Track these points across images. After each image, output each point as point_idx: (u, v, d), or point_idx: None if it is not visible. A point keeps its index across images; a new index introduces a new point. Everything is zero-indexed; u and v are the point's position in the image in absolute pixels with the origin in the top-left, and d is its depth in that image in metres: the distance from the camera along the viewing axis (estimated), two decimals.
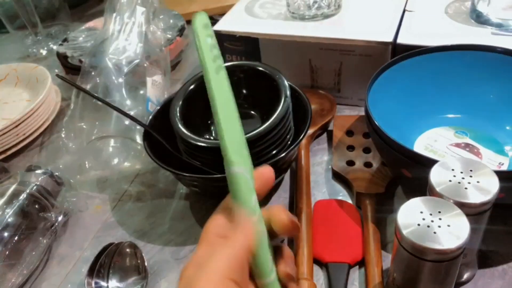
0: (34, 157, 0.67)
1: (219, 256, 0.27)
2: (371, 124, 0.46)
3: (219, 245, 0.28)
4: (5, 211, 0.49)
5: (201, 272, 0.26)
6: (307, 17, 0.65)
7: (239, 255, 0.27)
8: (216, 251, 0.27)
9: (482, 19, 0.59)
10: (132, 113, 0.58)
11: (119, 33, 0.68)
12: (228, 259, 0.26)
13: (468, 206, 0.34)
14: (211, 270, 0.26)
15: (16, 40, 1.00)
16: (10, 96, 0.78)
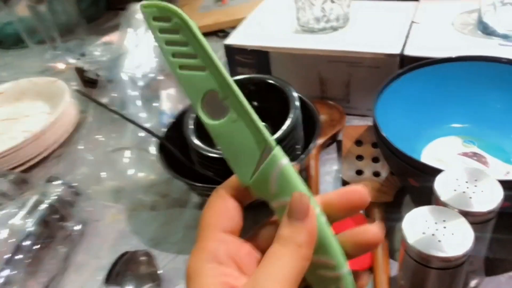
0: (53, 168, 0.69)
1: (283, 263, 0.24)
2: (378, 135, 0.47)
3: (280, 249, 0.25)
4: (26, 221, 0.51)
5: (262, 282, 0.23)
6: (316, 30, 0.67)
7: (305, 263, 0.25)
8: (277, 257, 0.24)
9: (489, 31, 0.59)
10: (147, 125, 0.60)
11: (134, 48, 0.70)
12: (295, 267, 0.24)
13: (473, 215, 0.35)
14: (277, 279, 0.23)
15: (35, 54, 1.04)
16: (30, 109, 0.80)
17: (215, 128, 0.26)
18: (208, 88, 0.26)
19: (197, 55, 0.25)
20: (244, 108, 0.26)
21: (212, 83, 0.26)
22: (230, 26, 0.93)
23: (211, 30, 0.98)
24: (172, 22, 0.25)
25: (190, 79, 0.26)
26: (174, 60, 0.26)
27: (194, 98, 0.26)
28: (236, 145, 0.26)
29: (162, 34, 0.25)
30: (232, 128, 0.26)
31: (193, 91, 0.26)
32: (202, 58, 0.25)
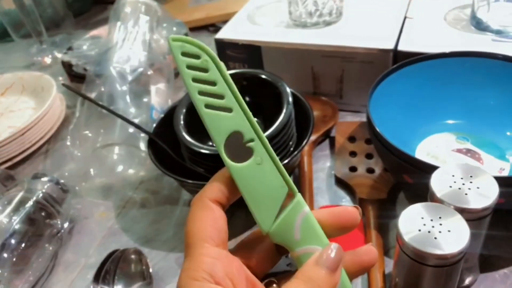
0: (40, 165, 0.68)
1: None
2: (372, 131, 0.47)
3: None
4: (12, 218, 0.49)
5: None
6: (308, 25, 0.66)
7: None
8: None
9: (482, 26, 0.59)
10: (136, 121, 0.59)
11: (123, 42, 0.69)
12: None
13: (469, 212, 0.35)
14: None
15: (21, 48, 1.02)
16: (16, 104, 0.79)
17: (237, 171, 0.26)
18: (233, 129, 0.26)
19: (224, 96, 0.26)
20: (270, 153, 0.26)
21: (238, 124, 0.26)
22: (221, 21, 0.92)
23: (202, 25, 0.97)
24: (202, 59, 0.25)
25: (215, 119, 0.26)
26: (200, 98, 0.25)
27: (218, 138, 0.26)
28: (258, 189, 0.26)
29: (189, 70, 0.25)
30: (255, 172, 0.26)
31: (217, 131, 0.26)
32: (229, 99, 0.26)
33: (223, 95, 0.26)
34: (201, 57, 0.25)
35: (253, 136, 0.26)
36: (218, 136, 0.26)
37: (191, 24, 0.93)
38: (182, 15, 0.95)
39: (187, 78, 0.25)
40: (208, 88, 0.25)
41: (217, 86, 0.25)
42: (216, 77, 0.25)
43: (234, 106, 0.26)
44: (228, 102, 0.26)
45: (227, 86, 0.26)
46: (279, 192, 0.26)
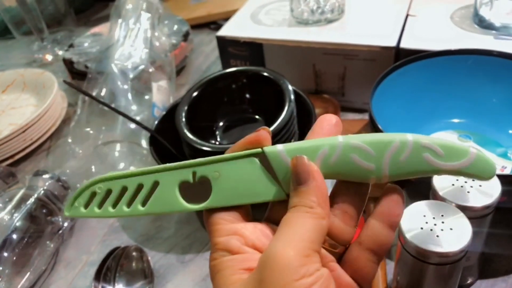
0: (41, 162, 0.68)
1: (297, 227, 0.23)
2: (375, 128, 0.46)
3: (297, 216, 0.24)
4: (13, 215, 0.49)
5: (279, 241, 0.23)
6: (310, 22, 0.66)
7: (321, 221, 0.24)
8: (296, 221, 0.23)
9: (485, 24, 0.59)
10: (138, 118, 0.59)
11: (124, 39, 0.69)
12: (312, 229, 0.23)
13: (471, 210, 0.34)
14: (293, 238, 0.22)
15: (22, 45, 1.02)
16: (17, 101, 0.79)
17: (214, 201, 0.25)
18: (179, 182, 0.25)
19: (142, 184, 0.25)
20: (214, 160, 0.25)
21: (173, 182, 0.25)
22: (223, 18, 0.92)
23: (203, 22, 0.96)
24: (99, 189, 0.25)
25: (156, 202, 0.25)
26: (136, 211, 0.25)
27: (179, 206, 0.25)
28: (241, 188, 0.25)
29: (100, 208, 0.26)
30: (224, 184, 0.25)
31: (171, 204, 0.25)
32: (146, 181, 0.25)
33: (141, 185, 0.25)
34: (96, 187, 0.26)
35: (193, 170, 0.25)
36: (177, 206, 0.25)
37: (193, 22, 0.93)
38: (183, 13, 0.95)
39: (111, 213, 0.25)
40: (128, 196, 0.25)
41: (128, 190, 0.25)
42: (120, 185, 0.25)
43: (154, 178, 0.25)
44: (147, 182, 0.25)
45: (131, 175, 0.25)
46: (255, 170, 0.25)
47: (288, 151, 0.25)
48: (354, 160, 0.25)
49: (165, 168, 0.25)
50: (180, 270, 0.48)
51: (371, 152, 0.25)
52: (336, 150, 0.25)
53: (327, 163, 0.25)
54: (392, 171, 0.25)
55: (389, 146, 0.25)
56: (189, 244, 0.51)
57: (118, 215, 0.25)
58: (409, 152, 0.24)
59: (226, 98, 0.56)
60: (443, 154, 0.24)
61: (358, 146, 0.25)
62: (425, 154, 0.24)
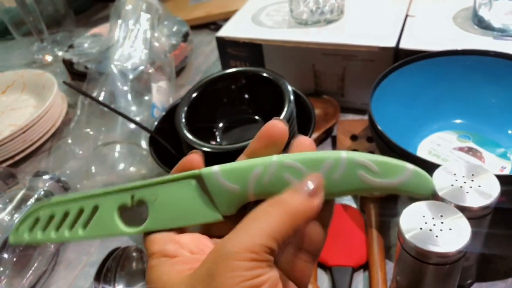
0: (41, 163, 0.68)
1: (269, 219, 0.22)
2: (374, 129, 0.46)
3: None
4: (13, 216, 0.49)
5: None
6: (310, 23, 0.66)
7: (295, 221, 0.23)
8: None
9: (484, 24, 0.59)
10: (137, 119, 0.59)
11: (124, 40, 0.69)
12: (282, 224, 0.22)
13: (470, 210, 0.34)
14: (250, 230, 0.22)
15: (22, 46, 1.02)
16: (17, 102, 0.79)
17: (151, 223, 0.25)
18: (117, 207, 0.26)
19: (83, 209, 0.26)
20: (151, 183, 0.26)
21: (111, 208, 0.26)
22: (222, 19, 0.92)
23: (203, 23, 0.96)
24: (41, 213, 0.26)
25: (94, 228, 0.26)
26: (76, 235, 0.26)
27: (116, 230, 0.25)
28: (178, 210, 0.25)
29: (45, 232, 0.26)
30: (162, 207, 0.25)
31: (110, 228, 0.26)
32: (87, 204, 0.26)
33: (81, 209, 0.26)
34: (39, 213, 0.26)
35: (131, 193, 0.26)
36: (115, 229, 0.26)
37: (192, 22, 0.93)
38: (183, 13, 0.95)
39: (53, 237, 0.26)
40: (70, 220, 0.26)
41: (70, 215, 0.26)
42: (62, 210, 0.26)
43: (94, 202, 0.26)
44: (88, 206, 0.26)
45: (73, 201, 0.26)
46: (191, 192, 0.25)
47: (223, 171, 0.25)
48: (287, 178, 0.24)
49: (105, 192, 0.26)
50: None
51: (304, 171, 0.24)
52: (269, 169, 0.25)
53: (261, 182, 0.25)
54: (327, 189, 0.24)
55: (322, 163, 0.24)
56: None
57: (59, 240, 0.26)
58: (343, 170, 0.24)
59: (226, 98, 0.56)
60: (378, 171, 0.24)
61: (291, 165, 0.24)
62: (360, 172, 0.24)
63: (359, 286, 0.44)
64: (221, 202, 0.25)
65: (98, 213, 0.25)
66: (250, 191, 0.25)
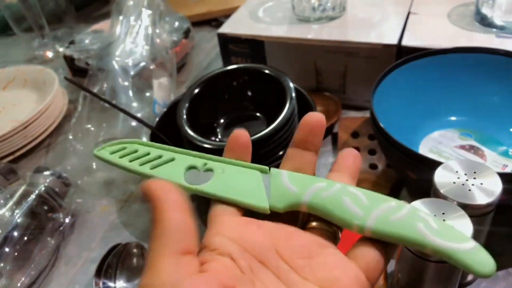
0: (42, 159, 0.68)
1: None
2: (376, 126, 0.46)
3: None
4: (14, 212, 0.49)
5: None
6: (312, 20, 0.66)
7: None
8: None
9: (486, 22, 0.59)
10: (138, 115, 0.59)
11: (125, 36, 0.69)
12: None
13: (472, 208, 0.34)
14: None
15: (23, 42, 1.01)
16: (18, 98, 0.79)
17: (210, 187, 0.27)
18: (187, 166, 0.28)
19: (161, 155, 0.29)
20: (225, 161, 0.28)
21: (185, 163, 0.28)
22: (224, 15, 0.92)
23: (204, 19, 0.96)
24: (127, 147, 0.29)
25: (164, 172, 0.28)
26: (143, 167, 0.28)
27: (178, 180, 0.27)
28: (237, 188, 0.27)
29: (124, 158, 0.29)
30: (224, 179, 0.27)
31: (173, 176, 0.28)
32: (166, 154, 0.29)
33: (161, 155, 0.28)
34: (127, 145, 0.29)
35: (205, 161, 0.28)
36: (177, 179, 0.27)
37: (194, 19, 0.93)
38: (184, 9, 0.95)
39: (125, 164, 0.28)
40: (146, 158, 0.28)
41: (150, 155, 0.28)
42: (145, 150, 0.29)
43: (173, 155, 0.28)
44: (167, 155, 0.28)
45: (158, 148, 0.29)
46: (255, 179, 0.27)
47: (290, 174, 0.27)
48: (344, 201, 0.25)
49: (186, 152, 0.29)
50: None
51: (364, 200, 0.25)
52: (333, 188, 0.25)
53: (319, 194, 0.25)
54: (378, 224, 0.24)
55: (385, 202, 0.24)
56: None
57: (129, 169, 0.28)
58: (403, 215, 0.24)
59: (227, 95, 0.56)
60: (438, 229, 0.23)
61: (354, 192, 0.25)
62: (419, 223, 0.23)
63: None
64: (274, 195, 0.26)
65: (171, 163, 0.28)
66: (306, 198, 0.26)
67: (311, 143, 0.28)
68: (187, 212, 0.23)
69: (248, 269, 0.23)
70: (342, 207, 0.25)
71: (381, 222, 0.24)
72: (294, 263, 0.24)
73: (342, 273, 0.23)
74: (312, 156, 0.28)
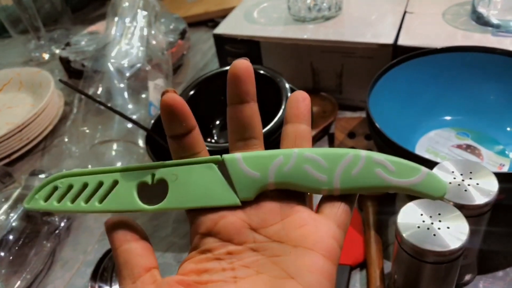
0: (38, 161, 0.67)
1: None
2: (372, 126, 0.46)
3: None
4: (9, 215, 0.49)
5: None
6: (308, 20, 0.66)
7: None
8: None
9: (482, 21, 0.59)
10: (134, 117, 0.58)
11: (121, 37, 0.68)
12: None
13: (468, 208, 0.34)
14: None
15: (19, 44, 1.01)
16: (13, 100, 0.78)
17: (169, 202, 0.26)
18: (136, 183, 0.26)
19: (102, 182, 0.26)
20: (175, 163, 0.26)
21: (132, 181, 0.26)
22: (220, 16, 0.92)
23: (200, 20, 0.96)
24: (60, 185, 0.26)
25: (113, 201, 0.26)
26: (92, 207, 0.26)
27: (132, 205, 0.25)
28: (197, 191, 0.26)
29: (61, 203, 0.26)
30: (180, 186, 0.26)
31: (126, 204, 0.26)
32: (106, 180, 0.26)
33: (101, 183, 0.26)
34: (57, 182, 0.26)
35: (152, 172, 0.26)
36: (131, 205, 0.25)
37: (190, 20, 0.93)
38: (180, 10, 0.95)
39: (68, 207, 0.26)
40: (87, 192, 0.26)
41: (88, 187, 0.26)
42: (81, 182, 0.26)
43: (114, 177, 0.26)
44: (107, 180, 0.26)
45: (93, 173, 0.26)
46: (212, 175, 0.26)
47: (245, 158, 0.26)
48: (307, 170, 0.25)
49: (126, 168, 0.26)
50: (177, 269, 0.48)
51: (323, 164, 0.25)
52: (291, 160, 0.25)
53: (282, 171, 0.25)
54: (344, 183, 0.25)
55: (342, 159, 0.25)
56: (186, 243, 0.51)
57: (75, 210, 0.26)
58: (361, 167, 0.25)
59: (223, 96, 0.56)
60: (394, 170, 0.25)
61: (311, 158, 0.25)
62: (377, 169, 0.25)
63: (357, 285, 0.43)
64: (240, 187, 0.26)
65: (117, 187, 0.26)
66: (271, 179, 0.25)
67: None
68: (137, 239, 0.25)
69: (227, 255, 0.24)
70: (306, 178, 0.25)
71: (345, 181, 0.25)
72: (268, 231, 0.24)
73: (314, 227, 0.24)
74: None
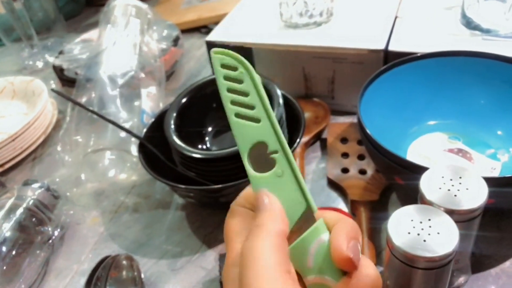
0: (31, 171, 0.67)
1: (260, 249, 0.23)
2: (363, 132, 0.46)
3: (251, 235, 0.24)
4: (2, 225, 0.49)
5: (251, 271, 0.23)
6: (299, 26, 0.66)
7: (278, 240, 0.24)
8: (253, 243, 0.24)
9: (472, 25, 0.59)
10: (127, 125, 0.58)
11: (113, 45, 0.69)
12: (271, 248, 0.23)
13: (458, 213, 0.34)
14: (262, 268, 0.22)
15: (12, 52, 1.01)
16: (6, 109, 0.78)
17: (257, 180, 0.26)
18: (259, 140, 0.26)
19: (254, 107, 0.27)
20: (292, 167, 0.26)
21: (264, 135, 0.26)
22: (213, 22, 0.92)
23: (194, 26, 0.96)
24: (238, 71, 0.27)
25: (243, 128, 0.27)
26: (232, 107, 0.27)
27: (243, 146, 0.27)
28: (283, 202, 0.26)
29: (225, 81, 0.27)
30: (274, 183, 0.26)
31: (243, 140, 0.27)
32: (259, 110, 0.27)
33: (253, 106, 0.27)
34: (238, 69, 0.27)
35: (277, 148, 0.26)
36: (243, 144, 0.27)
37: (183, 26, 0.93)
38: (174, 17, 0.95)
39: (222, 88, 0.27)
40: (240, 98, 0.27)
41: (249, 97, 0.27)
42: (249, 89, 0.27)
43: (263, 117, 0.26)
44: (257, 113, 0.26)
45: (259, 98, 0.27)
46: (296, 207, 0.26)
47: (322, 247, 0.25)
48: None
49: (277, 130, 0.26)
50: (171, 277, 0.48)
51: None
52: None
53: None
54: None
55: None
56: (180, 251, 0.51)
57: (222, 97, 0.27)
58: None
59: (215, 103, 0.56)
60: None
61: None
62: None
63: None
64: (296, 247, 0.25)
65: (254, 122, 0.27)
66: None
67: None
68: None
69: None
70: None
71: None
72: None
73: None
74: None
